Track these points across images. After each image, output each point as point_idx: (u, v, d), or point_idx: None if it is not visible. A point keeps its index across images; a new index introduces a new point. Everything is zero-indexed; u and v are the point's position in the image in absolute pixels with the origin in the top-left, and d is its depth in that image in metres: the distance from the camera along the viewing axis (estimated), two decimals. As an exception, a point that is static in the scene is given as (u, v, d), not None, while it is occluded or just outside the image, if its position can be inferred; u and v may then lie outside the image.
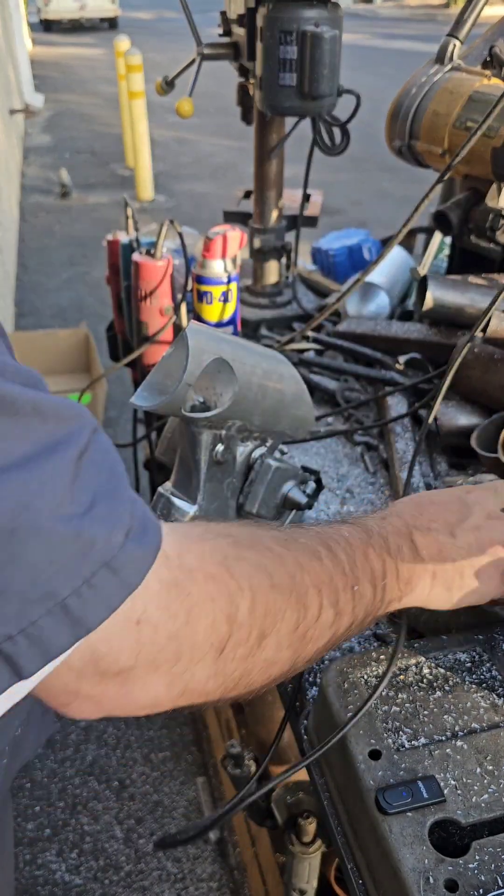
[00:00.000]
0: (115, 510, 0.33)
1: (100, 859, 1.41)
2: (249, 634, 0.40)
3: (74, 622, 0.32)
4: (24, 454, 0.30)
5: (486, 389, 0.87)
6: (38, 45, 12.74)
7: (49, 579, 0.31)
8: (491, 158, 0.91)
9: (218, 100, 6.03)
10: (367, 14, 18.88)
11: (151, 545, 0.35)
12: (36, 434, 0.31)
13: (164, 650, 0.36)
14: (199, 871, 1.38)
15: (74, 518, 0.31)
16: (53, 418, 0.32)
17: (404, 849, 0.44)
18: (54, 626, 0.31)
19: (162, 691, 0.37)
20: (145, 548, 0.34)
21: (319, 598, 0.45)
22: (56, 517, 0.31)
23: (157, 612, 0.36)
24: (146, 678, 0.36)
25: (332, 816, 0.53)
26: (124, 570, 0.33)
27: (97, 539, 0.32)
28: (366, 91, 1.13)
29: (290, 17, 0.96)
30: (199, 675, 0.38)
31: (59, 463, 0.31)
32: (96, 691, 0.35)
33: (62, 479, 0.31)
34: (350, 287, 1.00)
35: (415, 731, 0.50)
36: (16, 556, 0.30)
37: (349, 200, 5.00)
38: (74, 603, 0.31)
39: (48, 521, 0.30)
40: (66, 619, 0.31)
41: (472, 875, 0.43)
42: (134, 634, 0.35)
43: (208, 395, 0.60)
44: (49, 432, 0.32)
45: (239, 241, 1.06)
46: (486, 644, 0.57)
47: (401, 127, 1.10)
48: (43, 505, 0.30)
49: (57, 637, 0.31)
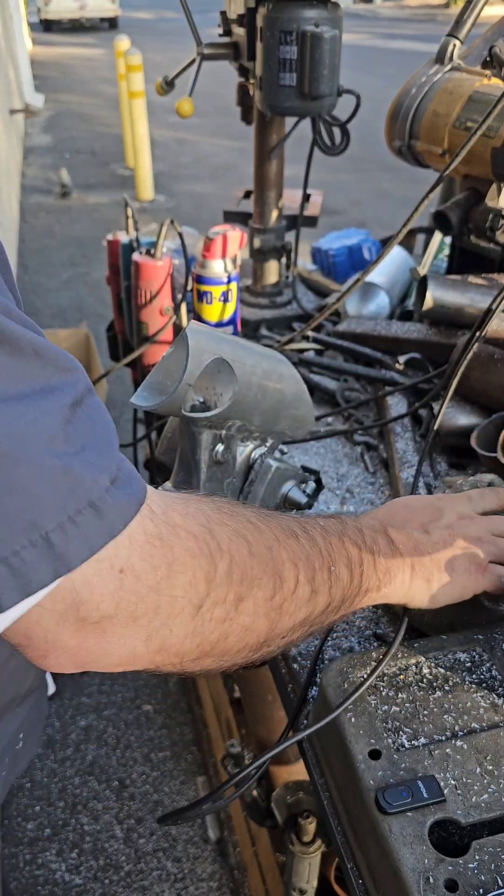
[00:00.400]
0: (104, 458, 0.34)
1: (100, 859, 1.41)
2: (227, 596, 0.41)
3: (56, 558, 0.32)
4: (21, 391, 0.31)
5: (485, 389, 0.87)
6: (38, 45, 12.75)
7: (35, 509, 0.31)
8: (491, 158, 0.91)
9: (218, 100, 6.03)
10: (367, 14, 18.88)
11: (136, 496, 0.35)
12: (34, 375, 0.32)
13: (144, 601, 0.36)
14: (199, 870, 1.38)
15: (64, 455, 0.32)
16: (52, 364, 0.33)
17: (404, 848, 0.44)
18: (36, 559, 0.31)
19: (139, 645, 0.37)
20: (130, 497, 0.35)
21: (296, 572, 0.46)
22: (47, 450, 0.31)
23: (140, 563, 0.36)
24: (125, 630, 0.36)
25: (332, 816, 0.53)
26: (109, 513, 0.33)
27: (84, 478, 0.32)
28: (366, 91, 1.13)
29: (290, 17, 0.96)
30: (177, 631, 0.39)
31: (54, 405, 0.32)
32: (74, 641, 0.35)
33: (55, 419, 0.32)
34: (350, 287, 1.00)
35: (415, 730, 0.50)
36: (4, 481, 0.30)
37: (349, 200, 5.00)
38: (58, 538, 0.31)
39: (39, 452, 0.31)
40: (49, 554, 0.31)
41: (472, 875, 0.43)
42: (116, 582, 0.35)
43: (208, 395, 0.60)
44: (47, 377, 0.32)
45: (239, 241, 1.06)
46: (486, 644, 0.57)
47: (401, 127, 1.10)
48: (35, 437, 0.31)
49: (37, 571, 0.31)
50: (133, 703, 1.71)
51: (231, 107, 1.24)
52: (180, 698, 1.71)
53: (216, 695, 1.38)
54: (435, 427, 0.78)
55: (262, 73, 1.01)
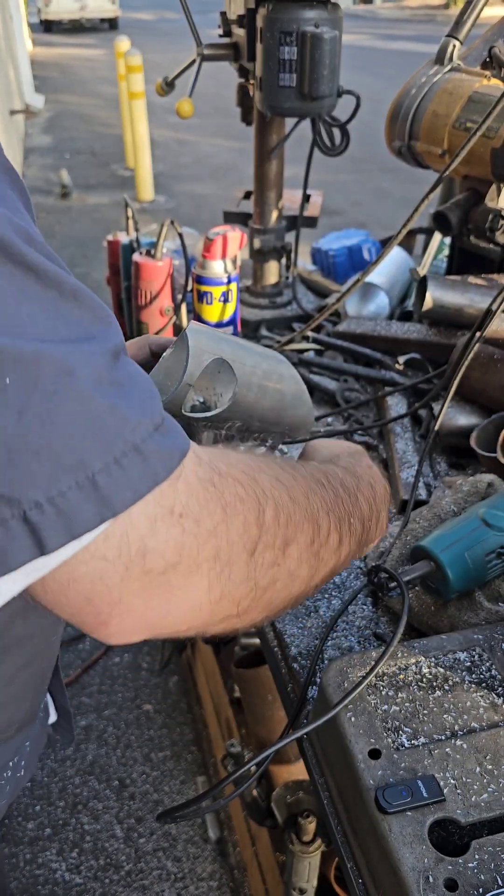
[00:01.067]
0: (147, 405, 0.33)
1: (100, 858, 1.41)
2: (275, 540, 0.41)
3: (102, 500, 0.31)
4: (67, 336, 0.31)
5: (485, 390, 0.87)
6: (39, 46, 12.75)
7: (82, 448, 0.30)
8: (490, 159, 0.91)
9: (218, 100, 6.03)
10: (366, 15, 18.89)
11: (179, 445, 0.35)
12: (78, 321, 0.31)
13: (205, 546, 0.36)
14: (199, 870, 1.38)
15: (110, 396, 0.31)
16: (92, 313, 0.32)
17: (404, 848, 0.44)
18: (82, 500, 0.30)
19: (202, 595, 0.37)
20: (174, 445, 0.34)
21: (328, 520, 0.47)
22: (95, 389, 0.30)
23: (196, 507, 0.36)
24: (188, 579, 0.36)
25: (332, 816, 0.53)
26: (153, 458, 0.32)
27: (130, 419, 0.32)
28: (366, 92, 1.13)
29: (290, 18, 0.96)
30: (235, 577, 0.38)
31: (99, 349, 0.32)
32: (140, 599, 0.34)
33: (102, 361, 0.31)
34: (350, 287, 1.01)
35: (414, 730, 0.50)
36: (55, 416, 0.29)
37: (349, 201, 5.00)
38: (103, 480, 0.31)
39: (87, 391, 0.30)
40: (94, 496, 0.30)
41: (471, 874, 0.43)
42: (178, 527, 0.35)
43: (208, 396, 0.60)
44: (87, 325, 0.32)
45: (239, 241, 1.06)
46: (486, 643, 0.57)
47: (400, 127, 1.10)
48: (84, 376, 0.30)
49: (83, 513, 0.30)
50: (133, 702, 1.71)
51: (231, 107, 1.25)
52: (180, 698, 1.71)
53: (216, 695, 1.38)
54: (435, 427, 0.78)
55: (262, 73, 1.01)
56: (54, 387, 0.29)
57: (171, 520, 0.34)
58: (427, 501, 0.79)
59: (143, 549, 0.34)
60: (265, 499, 0.41)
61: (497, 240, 0.97)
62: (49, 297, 0.30)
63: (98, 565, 0.33)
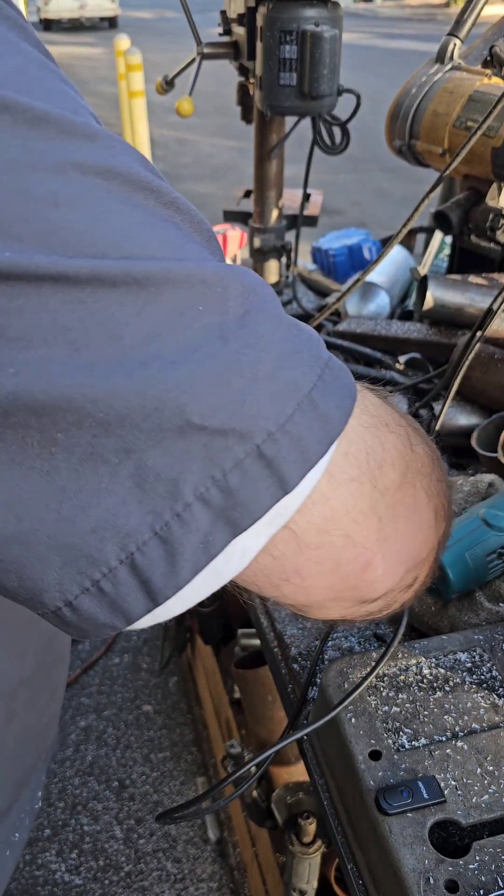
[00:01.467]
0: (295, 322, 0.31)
1: (99, 859, 1.41)
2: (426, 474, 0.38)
3: (323, 420, 0.27)
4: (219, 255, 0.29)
5: (485, 389, 0.87)
6: (38, 45, 12.72)
7: (291, 367, 0.26)
8: (491, 158, 0.91)
9: (218, 99, 6.03)
10: (367, 13, 18.89)
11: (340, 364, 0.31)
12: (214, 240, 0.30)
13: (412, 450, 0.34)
14: (198, 871, 1.38)
15: (285, 318, 0.28)
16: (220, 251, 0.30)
17: (404, 849, 0.44)
18: (308, 423, 0.26)
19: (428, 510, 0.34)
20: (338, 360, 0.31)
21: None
22: (272, 303, 0.28)
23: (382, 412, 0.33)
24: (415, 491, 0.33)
25: (332, 817, 0.53)
26: (341, 371, 0.29)
27: (312, 335, 0.29)
28: (366, 91, 1.13)
29: (290, 17, 0.95)
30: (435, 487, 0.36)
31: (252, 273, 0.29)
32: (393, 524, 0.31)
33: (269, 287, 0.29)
34: (350, 287, 1.00)
35: (415, 731, 0.50)
36: (255, 338, 0.26)
37: (349, 200, 5.00)
38: (319, 397, 0.27)
39: (272, 307, 0.27)
40: (316, 416, 0.27)
41: (472, 876, 0.43)
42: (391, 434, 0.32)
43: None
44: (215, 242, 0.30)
45: (239, 240, 1.06)
46: (487, 644, 0.57)
47: (401, 127, 1.10)
48: (264, 292, 0.27)
49: (314, 437, 0.27)
50: (133, 703, 1.71)
51: (231, 106, 1.24)
52: (180, 699, 1.71)
53: (216, 695, 1.38)
54: (436, 427, 0.78)
55: (261, 72, 1.01)
56: (244, 307, 0.26)
57: (384, 428, 0.32)
58: (427, 501, 0.79)
59: (380, 460, 0.31)
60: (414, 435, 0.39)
61: (498, 239, 0.97)
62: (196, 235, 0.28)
63: (348, 489, 0.29)
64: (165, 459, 0.24)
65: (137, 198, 0.26)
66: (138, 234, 0.25)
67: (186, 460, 0.24)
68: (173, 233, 0.26)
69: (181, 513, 0.25)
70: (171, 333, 0.24)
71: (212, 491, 0.25)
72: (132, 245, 0.24)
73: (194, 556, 0.26)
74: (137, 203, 0.25)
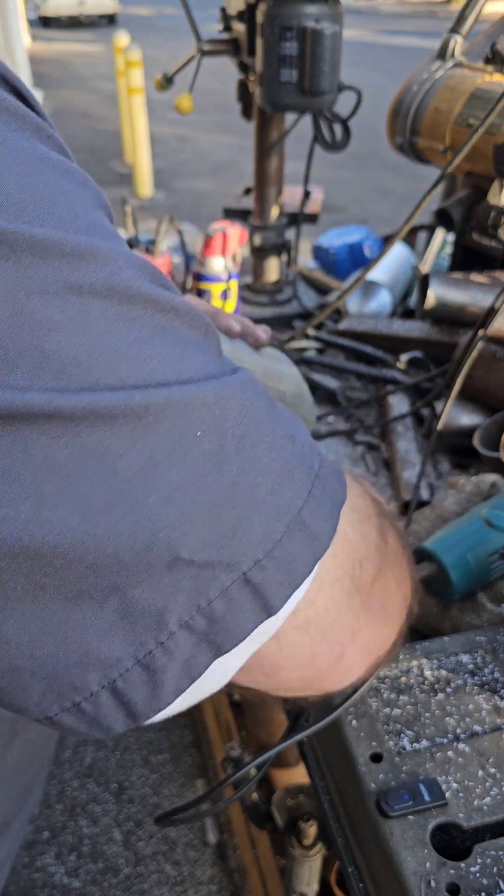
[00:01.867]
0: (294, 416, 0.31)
1: (98, 862, 1.41)
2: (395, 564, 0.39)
3: (312, 538, 0.28)
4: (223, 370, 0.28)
5: (488, 388, 0.86)
6: (37, 42, 12.72)
7: (283, 488, 0.27)
8: (493, 155, 0.90)
9: (218, 96, 6.02)
10: (367, 10, 18.85)
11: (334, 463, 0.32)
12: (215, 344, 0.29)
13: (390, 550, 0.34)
14: (198, 874, 1.38)
15: (279, 418, 0.28)
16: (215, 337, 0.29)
17: (405, 852, 0.44)
18: (295, 545, 0.27)
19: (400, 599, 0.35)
20: (332, 460, 0.32)
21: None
22: (270, 416, 0.28)
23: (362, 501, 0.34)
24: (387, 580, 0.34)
25: (333, 819, 0.52)
26: (331, 479, 0.30)
27: (305, 441, 0.29)
28: (367, 87, 1.12)
29: (291, 13, 0.95)
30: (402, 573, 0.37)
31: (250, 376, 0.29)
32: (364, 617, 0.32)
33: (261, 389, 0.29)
34: (351, 285, 1.00)
35: (416, 733, 0.50)
36: (250, 463, 0.26)
37: (350, 197, 4.99)
38: (308, 515, 0.28)
39: (268, 422, 0.27)
40: (304, 535, 0.27)
41: (474, 879, 0.43)
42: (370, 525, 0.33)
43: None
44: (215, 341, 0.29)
45: (239, 238, 1.05)
46: (489, 646, 0.56)
47: (402, 123, 1.09)
48: (261, 406, 0.27)
49: (300, 558, 0.27)
50: (132, 702, 1.70)
51: (231, 103, 1.24)
52: (180, 697, 1.71)
53: (216, 697, 1.37)
54: (438, 427, 0.78)
55: (262, 69, 1.01)
56: (242, 428, 0.26)
57: (367, 523, 0.32)
58: (429, 502, 0.79)
59: (361, 558, 0.32)
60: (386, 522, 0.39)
61: (500, 237, 0.96)
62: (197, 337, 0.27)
63: (332, 590, 0.30)
64: (152, 594, 0.24)
65: (136, 311, 0.25)
66: (136, 354, 0.24)
67: (173, 593, 0.25)
68: (171, 343, 0.26)
69: (165, 641, 0.25)
70: (168, 463, 0.24)
71: (196, 618, 0.25)
72: (129, 368, 0.24)
73: (176, 680, 0.26)
74: (135, 317, 0.25)
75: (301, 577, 0.28)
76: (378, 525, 0.35)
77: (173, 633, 0.25)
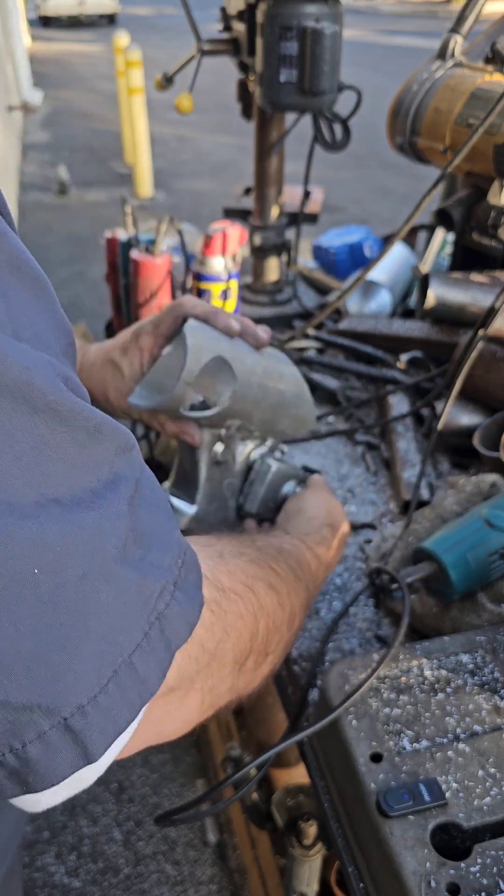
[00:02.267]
0: (168, 552, 0.31)
1: (98, 862, 1.40)
2: (261, 651, 0.41)
3: (140, 683, 0.28)
4: (91, 488, 0.27)
5: (488, 388, 0.86)
6: (37, 42, 12.71)
7: (117, 633, 0.27)
8: (493, 155, 0.90)
9: (218, 96, 6.01)
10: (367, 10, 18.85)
11: (198, 599, 0.32)
12: (101, 462, 0.28)
13: (204, 668, 0.35)
14: (198, 873, 1.38)
15: (135, 562, 0.28)
16: (115, 445, 0.28)
17: (406, 852, 0.44)
18: (122, 690, 0.27)
19: (195, 709, 0.36)
20: (193, 596, 0.32)
21: (301, 616, 0.49)
22: (122, 561, 0.27)
23: (202, 631, 0.35)
24: (185, 697, 0.35)
25: (333, 819, 0.52)
26: (176, 620, 0.30)
27: (155, 587, 0.29)
28: (367, 87, 1.12)
29: (291, 13, 0.95)
30: (222, 688, 0.38)
31: (121, 499, 0.28)
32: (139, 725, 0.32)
33: (125, 520, 0.28)
34: (351, 285, 1.00)
35: (416, 733, 0.50)
36: (88, 607, 0.26)
37: (350, 197, 4.99)
38: (139, 660, 0.28)
39: (115, 566, 0.27)
40: (133, 681, 0.27)
41: (473, 879, 0.43)
42: (182, 654, 0.33)
43: (207, 394, 0.59)
44: (111, 462, 0.28)
45: (239, 238, 1.05)
46: (489, 646, 0.56)
47: (402, 123, 1.09)
48: (110, 548, 0.27)
49: (126, 704, 0.27)
50: (132, 702, 1.70)
51: (231, 103, 1.24)
52: (180, 697, 1.71)
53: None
54: (438, 427, 0.78)
55: (262, 69, 1.00)
56: (83, 570, 0.26)
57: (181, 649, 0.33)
58: (429, 502, 0.79)
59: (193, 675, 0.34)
60: (261, 612, 0.41)
61: (500, 236, 0.96)
62: (75, 438, 0.27)
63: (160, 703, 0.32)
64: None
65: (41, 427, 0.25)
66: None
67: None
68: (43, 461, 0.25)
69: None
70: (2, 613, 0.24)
71: (7, 757, 0.25)
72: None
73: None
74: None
75: (125, 724, 0.28)
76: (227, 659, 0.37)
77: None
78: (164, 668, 0.29)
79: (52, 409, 0.26)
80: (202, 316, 0.59)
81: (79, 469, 0.27)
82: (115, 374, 0.62)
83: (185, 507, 0.62)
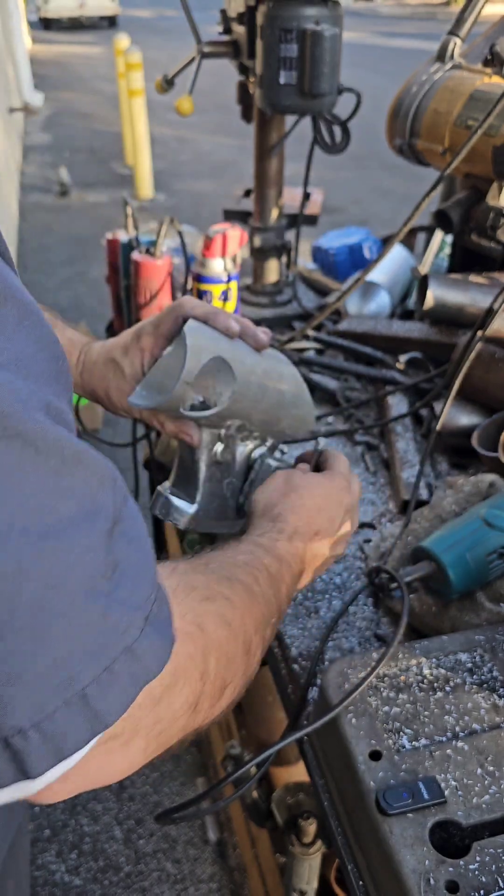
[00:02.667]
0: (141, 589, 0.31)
1: (99, 860, 1.41)
2: (216, 687, 0.40)
3: (92, 716, 0.28)
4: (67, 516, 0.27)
5: (486, 389, 0.87)
6: (38, 44, 12.72)
7: (71, 664, 0.28)
8: (492, 157, 0.91)
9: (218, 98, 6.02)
10: (367, 12, 18.86)
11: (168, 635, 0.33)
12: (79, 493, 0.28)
13: (148, 715, 0.35)
14: (198, 871, 1.38)
15: (103, 596, 0.29)
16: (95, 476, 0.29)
17: (405, 850, 0.44)
18: (71, 720, 0.28)
19: (139, 755, 0.36)
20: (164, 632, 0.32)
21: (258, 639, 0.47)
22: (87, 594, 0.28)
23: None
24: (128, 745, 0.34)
25: (333, 817, 0.53)
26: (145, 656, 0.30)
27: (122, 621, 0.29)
28: (366, 89, 1.13)
29: (291, 15, 0.95)
30: (172, 731, 0.38)
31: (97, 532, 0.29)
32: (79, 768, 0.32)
33: (97, 553, 0.29)
34: (351, 286, 1.00)
35: (415, 731, 0.50)
36: (40, 636, 0.27)
37: (350, 199, 5.00)
38: (94, 692, 0.28)
39: (79, 599, 0.28)
40: (85, 713, 0.28)
41: (472, 876, 0.43)
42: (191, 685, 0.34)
43: (207, 394, 0.60)
44: (91, 493, 0.29)
45: (239, 239, 1.05)
46: (487, 645, 0.57)
47: (401, 125, 1.10)
48: (76, 581, 0.28)
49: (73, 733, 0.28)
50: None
51: (231, 105, 1.24)
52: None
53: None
54: (437, 427, 0.78)
55: (262, 71, 1.01)
56: (41, 601, 0.26)
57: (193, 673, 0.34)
58: (428, 502, 0.79)
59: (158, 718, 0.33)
60: (210, 649, 0.40)
61: (499, 238, 0.96)
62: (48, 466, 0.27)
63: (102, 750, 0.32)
64: None
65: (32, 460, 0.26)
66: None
67: None
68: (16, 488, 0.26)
69: None
70: None
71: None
72: None
73: None
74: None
75: (71, 750, 0.28)
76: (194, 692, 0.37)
77: None
78: (126, 702, 0.30)
79: (22, 436, 0.26)
80: (202, 316, 0.59)
81: (50, 496, 0.27)
82: (116, 374, 0.63)
83: (185, 506, 0.62)
